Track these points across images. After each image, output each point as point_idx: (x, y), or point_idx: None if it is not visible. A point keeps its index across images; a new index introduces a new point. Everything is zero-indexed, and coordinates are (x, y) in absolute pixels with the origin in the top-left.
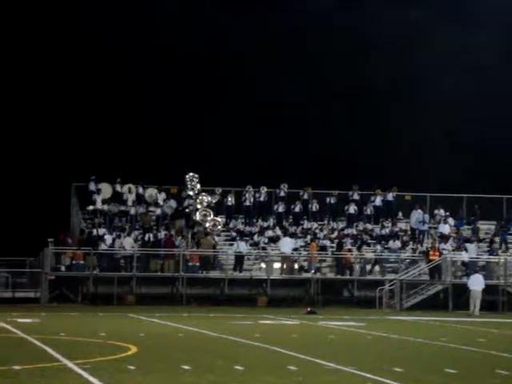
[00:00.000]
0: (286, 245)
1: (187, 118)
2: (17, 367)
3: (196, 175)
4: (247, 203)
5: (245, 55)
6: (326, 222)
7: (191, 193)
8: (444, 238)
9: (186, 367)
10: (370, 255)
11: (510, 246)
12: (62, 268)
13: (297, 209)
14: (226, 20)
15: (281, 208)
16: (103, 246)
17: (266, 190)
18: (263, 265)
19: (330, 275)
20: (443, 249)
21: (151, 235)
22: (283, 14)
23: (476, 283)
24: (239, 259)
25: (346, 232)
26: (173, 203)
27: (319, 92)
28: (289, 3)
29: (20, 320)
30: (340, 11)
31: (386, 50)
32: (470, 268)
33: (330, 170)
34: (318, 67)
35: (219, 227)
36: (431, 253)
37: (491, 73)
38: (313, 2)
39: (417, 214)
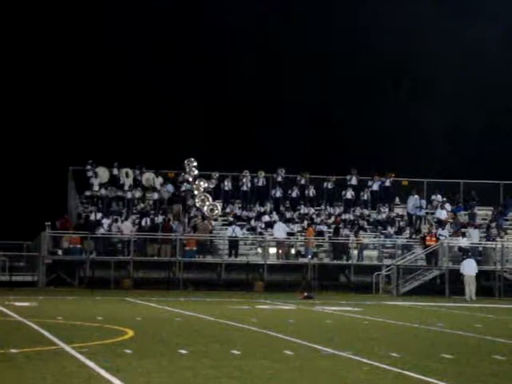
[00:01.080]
0: (280, 230)
1: (185, 103)
2: (14, 350)
3: (193, 160)
4: (244, 188)
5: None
6: (323, 207)
7: (189, 177)
8: (441, 223)
9: (183, 351)
10: (366, 240)
11: (506, 231)
12: (59, 252)
13: (294, 194)
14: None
15: (278, 193)
16: (101, 231)
17: (263, 174)
18: (259, 250)
19: (327, 260)
20: (440, 234)
21: (148, 220)
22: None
23: (468, 268)
24: (234, 244)
25: (342, 217)
26: (170, 188)
27: (318, 77)
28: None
29: (17, 303)
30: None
31: (387, 38)
32: (470, 253)
33: (328, 154)
34: (319, 54)
35: (217, 212)
36: (428, 238)
37: (490, 61)
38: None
39: (414, 200)
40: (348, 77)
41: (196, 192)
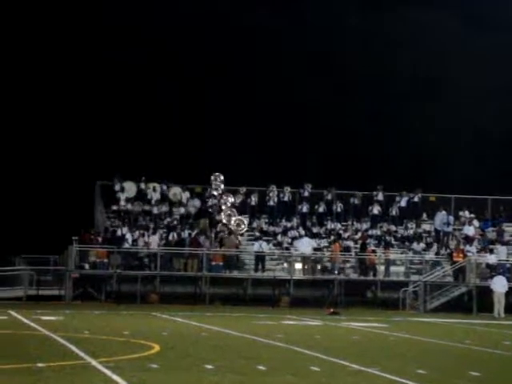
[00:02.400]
0: (304, 245)
1: (212, 118)
2: (41, 365)
3: (221, 175)
4: (271, 203)
5: (268, 56)
6: (349, 222)
7: (215, 192)
8: (468, 239)
9: (209, 366)
10: (393, 256)
11: None
12: (86, 266)
13: (321, 209)
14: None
15: (305, 208)
16: (125, 245)
17: (289, 190)
18: (286, 265)
19: (354, 276)
20: (468, 251)
21: (175, 234)
22: (310, 14)
23: (499, 285)
24: (260, 259)
25: (369, 233)
26: (197, 202)
27: (344, 91)
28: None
29: (44, 318)
30: (366, 11)
31: (411, 49)
32: (496, 270)
33: (355, 170)
34: (343, 67)
35: (243, 227)
36: (455, 254)
37: None
38: (341, 3)
39: (441, 216)
40: (375, 92)
41: (223, 207)
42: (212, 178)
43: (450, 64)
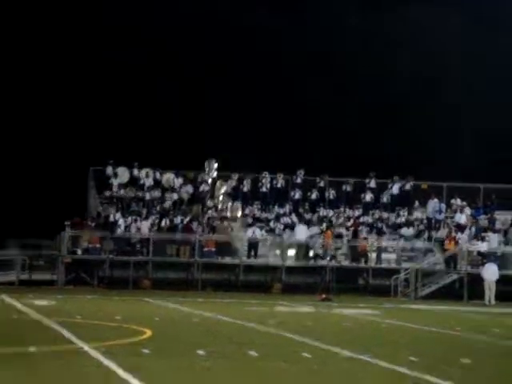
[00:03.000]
0: (301, 232)
1: (204, 104)
2: (33, 349)
3: (213, 160)
4: (263, 189)
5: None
6: (342, 209)
7: (208, 178)
8: (460, 227)
9: (201, 352)
10: (385, 243)
11: None
12: (79, 251)
13: (313, 196)
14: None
15: (297, 195)
16: (118, 231)
17: (282, 176)
18: (278, 251)
19: (346, 263)
20: (459, 238)
21: (167, 220)
22: (311, 15)
23: (490, 272)
24: (253, 245)
25: (361, 220)
26: (189, 188)
27: (338, 82)
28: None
29: (36, 302)
30: (366, 11)
31: (410, 49)
32: (488, 258)
33: (347, 157)
34: (339, 58)
35: (238, 213)
36: (446, 242)
37: None
38: (343, 4)
39: (433, 203)
40: (368, 79)
41: (217, 193)
42: (205, 163)
43: (449, 63)
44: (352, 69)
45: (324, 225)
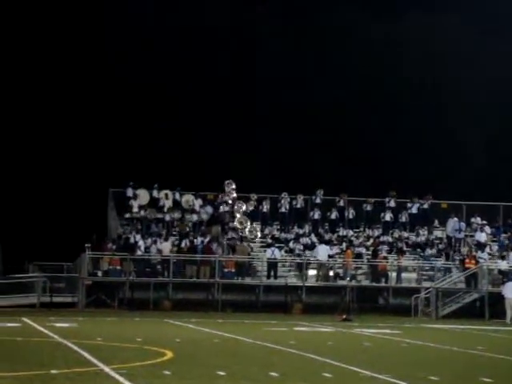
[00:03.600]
0: (322, 252)
1: (224, 125)
2: (54, 371)
3: (232, 182)
4: (283, 210)
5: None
6: (361, 229)
7: (227, 199)
8: (480, 246)
9: (222, 373)
10: (405, 263)
11: None
12: (99, 273)
13: (333, 216)
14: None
15: (316, 215)
16: (138, 252)
17: (302, 197)
18: (306, 271)
19: (366, 283)
20: (480, 257)
21: (187, 241)
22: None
23: (510, 291)
24: (272, 266)
25: (381, 239)
26: (209, 209)
27: (357, 99)
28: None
29: (57, 324)
30: (371, 15)
31: (425, 58)
32: (508, 276)
33: (366, 177)
34: (356, 73)
35: (256, 234)
36: (467, 261)
37: None
38: (348, 7)
39: (453, 222)
40: (386, 98)
41: (236, 214)
42: (225, 184)
43: (457, 65)
44: (367, 80)
45: (344, 244)
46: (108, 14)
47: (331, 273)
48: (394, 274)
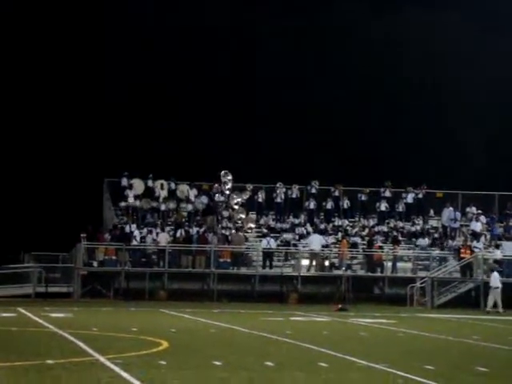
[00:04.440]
0: (315, 241)
1: (218, 115)
2: (50, 361)
3: (228, 172)
4: (278, 200)
5: (271, 55)
6: (356, 218)
7: (223, 189)
8: (476, 235)
9: (217, 363)
10: (400, 252)
11: None
12: (95, 263)
13: (328, 206)
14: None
15: (312, 205)
16: (133, 242)
17: (297, 187)
18: (293, 261)
19: (361, 272)
20: (475, 247)
21: (183, 231)
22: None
23: (496, 281)
24: (268, 256)
25: (376, 229)
26: (204, 199)
27: (350, 89)
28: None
29: (53, 315)
30: (371, 15)
31: (425, 58)
32: (504, 265)
33: (362, 166)
34: (356, 73)
35: (251, 224)
36: (462, 250)
37: None
38: (348, 6)
39: (448, 212)
40: (381, 88)
41: (232, 204)
42: (220, 174)
43: (457, 64)
44: (366, 78)
45: (339, 234)
46: (108, 14)
47: (327, 262)
48: (390, 264)
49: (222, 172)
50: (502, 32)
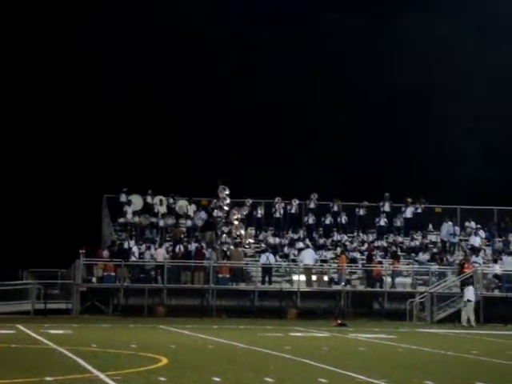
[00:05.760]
0: (308, 256)
1: (217, 130)
2: (49, 378)
3: (226, 187)
4: (277, 215)
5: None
6: (355, 233)
7: (221, 204)
8: (475, 250)
9: (217, 379)
10: (400, 267)
11: None
12: (94, 280)
13: (327, 221)
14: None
15: (311, 220)
16: (132, 258)
17: (297, 202)
18: (295, 277)
19: (360, 287)
20: (474, 261)
21: (181, 247)
22: (309, 19)
23: (470, 294)
24: (267, 271)
25: (376, 244)
26: (203, 215)
27: (349, 104)
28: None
29: (52, 331)
30: (368, 24)
31: (418, 63)
32: (503, 280)
33: (360, 182)
34: (349, 79)
35: (250, 240)
36: (466, 266)
37: None
38: (350, 18)
39: (447, 226)
40: (378, 103)
41: (231, 220)
42: (218, 189)
43: (461, 79)
44: (366, 93)
45: (338, 249)
46: (96, 13)
47: (325, 277)
48: (389, 279)
49: (220, 187)
50: (499, 35)
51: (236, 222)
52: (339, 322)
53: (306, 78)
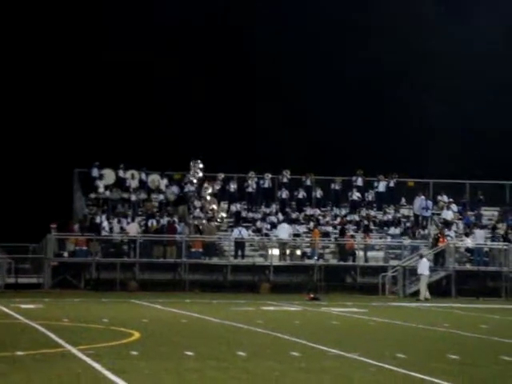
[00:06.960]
0: (283, 231)
1: (190, 105)
2: (20, 353)
3: (199, 161)
4: (250, 189)
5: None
6: (328, 208)
7: (194, 179)
8: (447, 224)
9: (189, 353)
10: (372, 241)
11: None
12: (65, 254)
13: (300, 195)
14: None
15: (284, 194)
16: (103, 232)
17: (270, 176)
18: (269, 251)
19: (333, 261)
20: (446, 235)
21: (154, 221)
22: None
23: (425, 268)
24: (239, 245)
25: (348, 218)
26: (175, 189)
27: (321, 77)
28: None
29: (23, 306)
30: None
31: (393, 37)
32: (475, 254)
33: (333, 156)
34: (324, 52)
35: (223, 214)
36: (441, 239)
37: (500, 61)
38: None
39: (420, 201)
40: (352, 76)
41: (202, 194)
42: (191, 164)
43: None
44: (340, 67)
45: (311, 223)
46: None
47: (298, 252)
48: (362, 253)
49: (192, 161)
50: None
51: (208, 197)
52: (312, 296)
53: (282, 52)
